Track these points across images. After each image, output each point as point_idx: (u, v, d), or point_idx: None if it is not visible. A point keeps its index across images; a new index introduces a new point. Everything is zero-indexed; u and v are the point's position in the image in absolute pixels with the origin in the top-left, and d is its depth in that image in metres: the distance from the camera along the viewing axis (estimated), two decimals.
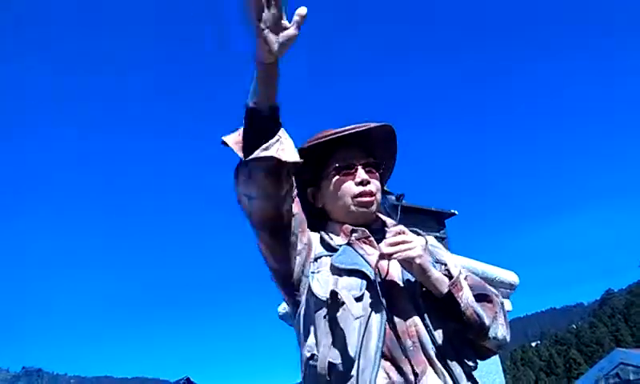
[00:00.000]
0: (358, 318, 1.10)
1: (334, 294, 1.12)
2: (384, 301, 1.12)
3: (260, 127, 1.05)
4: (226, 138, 1.09)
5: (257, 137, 1.05)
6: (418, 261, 1.12)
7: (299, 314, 1.23)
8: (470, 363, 1.15)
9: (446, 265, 1.24)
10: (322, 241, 1.31)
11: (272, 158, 1.04)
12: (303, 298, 1.22)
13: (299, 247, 1.23)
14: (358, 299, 1.13)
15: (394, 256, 1.12)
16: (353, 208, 1.32)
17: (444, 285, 1.14)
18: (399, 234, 1.18)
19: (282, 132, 1.08)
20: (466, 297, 1.13)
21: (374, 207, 1.33)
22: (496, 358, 3.39)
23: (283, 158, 1.05)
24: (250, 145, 1.05)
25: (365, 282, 1.15)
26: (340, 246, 1.27)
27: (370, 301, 1.14)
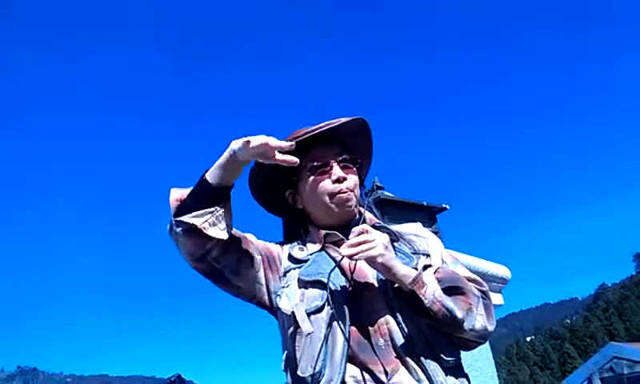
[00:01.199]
0: (308, 334, 1.13)
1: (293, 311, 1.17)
2: (346, 307, 1.15)
3: (206, 195, 1.15)
4: (172, 191, 1.19)
5: (198, 202, 1.15)
6: (379, 259, 1.11)
7: (279, 327, 1.27)
8: (448, 358, 1.12)
9: (428, 255, 1.26)
10: (289, 255, 1.31)
11: (195, 226, 1.13)
12: (278, 314, 1.26)
13: (254, 274, 1.27)
14: (320, 309, 1.15)
15: (355, 257, 1.12)
16: (331, 206, 1.30)
17: (410, 281, 1.13)
18: (361, 233, 1.16)
19: (221, 207, 1.17)
20: (431, 292, 1.10)
21: (352, 203, 1.30)
22: (488, 354, 3.38)
23: (206, 232, 1.14)
24: (187, 206, 1.15)
25: (326, 292, 1.16)
26: (311, 255, 1.28)
27: (332, 309, 1.15)
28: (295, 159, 1.16)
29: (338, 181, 1.29)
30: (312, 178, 1.31)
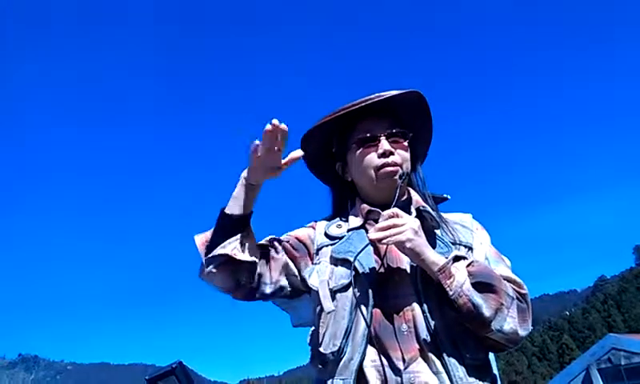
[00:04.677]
0: (329, 312, 1.14)
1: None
2: (370, 288, 1.14)
3: (230, 227, 1.19)
4: (196, 238, 1.24)
5: (223, 235, 1.19)
6: (408, 245, 1.10)
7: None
8: (471, 356, 1.08)
9: (470, 248, 1.24)
10: (325, 233, 1.33)
11: (226, 255, 1.17)
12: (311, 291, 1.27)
13: (288, 268, 1.30)
14: (346, 288, 1.15)
15: (384, 241, 1.12)
16: (377, 181, 1.29)
17: (437, 269, 1.10)
18: (391, 217, 1.15)
19: (245, 233, 1.21)
20: (457, 284, 1.07)
21: (397, 177, 1.27)
22: None
23: (237, 257, 1.17)
24: (214, 242, 1.20)
25: (352, 271, 1.15)
26: (350, 231, 1.29)
27: (358, 288, 1.14)
28: (299, 153, 1.21)
29: (384, 154, 1.27)
30: (359, 150, 1.31)
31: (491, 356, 1.20)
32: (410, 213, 1.24)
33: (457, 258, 1.13)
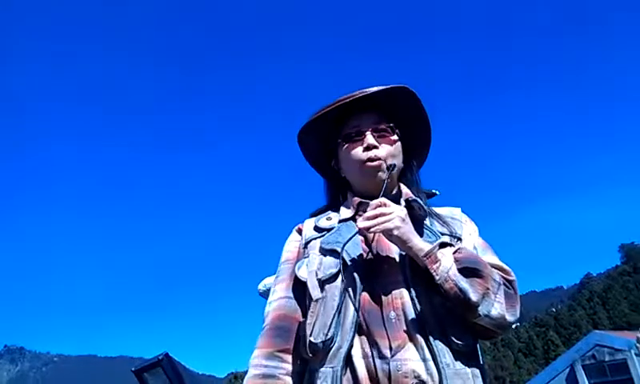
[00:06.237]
0: (317, 300, 1.15)
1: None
2: (357, 277, 1.15)
3: None
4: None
5: None
6: (395, 232, 1.12)
7: None
8: (459, 341, 1.08)
9: (459, 239, 1.24)
10: (315, 226, 1.34)
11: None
12: None
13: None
14: (334, 277, 1.16)
15: (372, 230, 1.13)
16: (361, 174, 1.30)
17: (423, 255, 1.12)
18: (379, 206, 1.16)
19: None
20: (444, 269, 1.08)
21: (381, 170, 1.28)
22: None
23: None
24: None
25: (340, 260, 1.16)
26: (340, 222, 1.30)
27: (346, 277, 1.15)
28: None
29: (368, 148, 1.28)
30: (346, 146, 1.32)
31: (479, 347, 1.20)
32: (399, 205, 1.24)
33: (443, 245, 1.14)
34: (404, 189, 1.35)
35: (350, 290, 1.14)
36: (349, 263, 1.16)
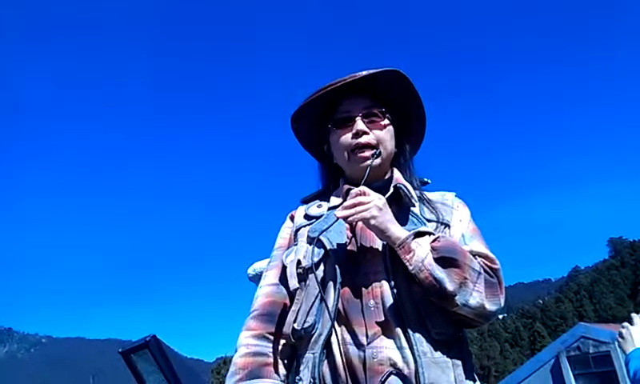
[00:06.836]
0: (294, 289, 1.17)
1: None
2: (337, 265, 1.15)
3: None
4: None
5: None
6: (372, 221, 1.12)
7: None
8: (438, 330, 1.08)
9: (448, 226, 1.24)
10: (305, 214, 1.34)
11: None
12: None
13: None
14: (317, 265, 1.16)
15: (349, 219, 1.13)
16: (349, 161, 1.29)
17: (397, 244, 1.11)
18: (359, 194, 1.16)
19: None
20: (418, 259, 1.08)
21: (371, 161, 1.26)
22: None
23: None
24: None
25: (322, 249, 1.17)
26: (329, 210, 1.29)
27: (329, 265, 1.16)
28: None
29: (357, 134, 1.27)
30: (336, 131, 1.31)
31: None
32: (387, 191, 1.24)
33: (420, 234, 1.13)
34: (396, 174, 1.33)
35: (331, 278, 1.15)
36: (332, 252, 1.17)
